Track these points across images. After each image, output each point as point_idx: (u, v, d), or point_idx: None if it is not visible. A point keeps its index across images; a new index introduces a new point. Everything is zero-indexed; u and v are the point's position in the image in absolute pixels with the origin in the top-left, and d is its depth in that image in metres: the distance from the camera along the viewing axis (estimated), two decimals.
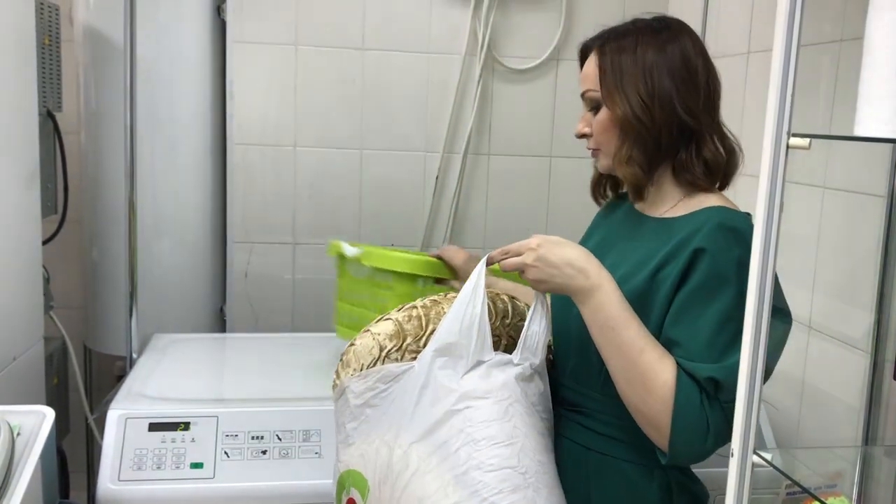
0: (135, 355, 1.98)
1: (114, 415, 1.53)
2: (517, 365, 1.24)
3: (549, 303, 1.30)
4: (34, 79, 1.85)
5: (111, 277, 2.22)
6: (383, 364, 1.23)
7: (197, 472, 1.49)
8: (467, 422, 1.16)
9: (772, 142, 0.91)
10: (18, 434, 1.27)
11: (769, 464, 1.00)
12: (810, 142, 0.89)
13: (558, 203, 2.57)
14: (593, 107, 1.32)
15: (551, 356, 1.38)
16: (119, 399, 1.60)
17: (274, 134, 2.42)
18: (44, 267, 1.95)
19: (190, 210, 2.26)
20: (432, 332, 1.24)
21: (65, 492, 1.64)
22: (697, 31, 2.28)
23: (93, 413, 2.19)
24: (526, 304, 1.35)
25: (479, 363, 1.21)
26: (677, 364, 1.15)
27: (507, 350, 1.26)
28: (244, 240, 2.41)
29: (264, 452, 1.53)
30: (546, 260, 1.20)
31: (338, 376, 1.28)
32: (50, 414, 1.33)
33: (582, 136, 1.36)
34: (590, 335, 1.22)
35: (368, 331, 1.26)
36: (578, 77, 1.37)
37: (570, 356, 1.32)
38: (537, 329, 1.25)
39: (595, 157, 1.36)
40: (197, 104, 2.23)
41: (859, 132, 0.90)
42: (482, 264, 1.24)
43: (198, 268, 2.30)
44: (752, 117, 2.03)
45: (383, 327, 1.25)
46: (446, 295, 1.31)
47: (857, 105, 0.90)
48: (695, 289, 1.18)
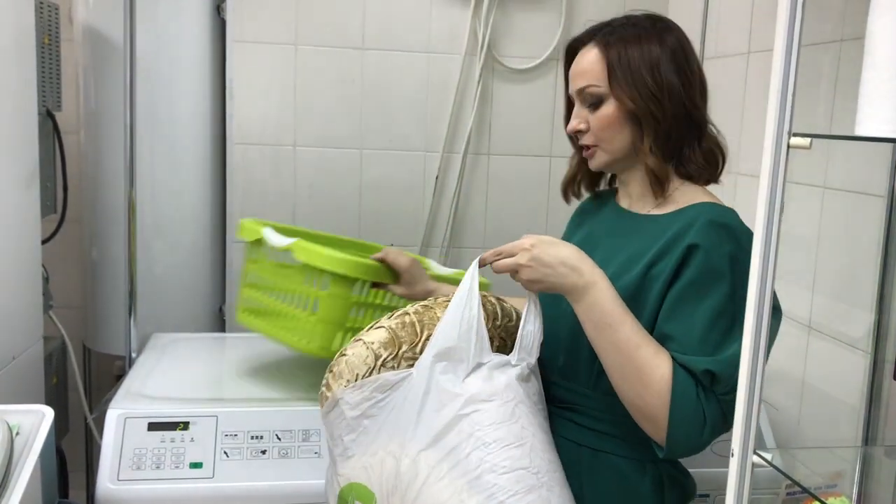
0: (134, 355, 1.98)
1: (113, 414, 1.53)
2: (515, 366, 1.24)
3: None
4: (34, 78, 1.85)
5: (110, 277, 2.22)
6: (379, 373, 1.21)
7: (196, 472, 1.48)
8: (476, 425, 1.15)
9: (772, 141, 0.91)
10: (17, 433, 1.27)
11: (769, 464, 1.00)
12: (811, 141, 0.89)
13: (558, 203, 2.51)
14: (592, 102, 1.30)
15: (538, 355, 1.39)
16: (118, 399, 1.60)
17: (274, 133, 2.42)
18: (43, 266, 1.95)
19: (189, 209, 2.26)
20: (428, 338, 1.23)
21: (64, 491, 1.64)
22: (697, 31, 2.30)
23: (92, 412, 2.19)
24: (512, 306, 1.36)
25: (480, 366, 1.20)
26: (673, 358, 1.16)
27: (499, 351, 1.25)
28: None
29: (264, 452, 1.53)
30: (540, 260, 1.20)
31: (328, 388, 1.25)
32: (49, 413, 1.33)
33: (576, 132, 1.33)
34: (579, 332, 1.23)
35: (360, 340, 1.23)
36: (569, 74, 1.35)
37: (559, 354, 1.32)
38: (532, 329, 1.25)
39: (590, 154, 1.34)
40: (196, 104, 2.23)
41: (860, 132, 0.90)
42: (475, 266, 1.23)
43: (197, 267, 2.29)
44: (752, 117, 2.02)
45: (376, 336, 1.23)
46: (436, 299, 1.31)
47: (858, 105, 0.90)
48: (688, 284, 1.19)
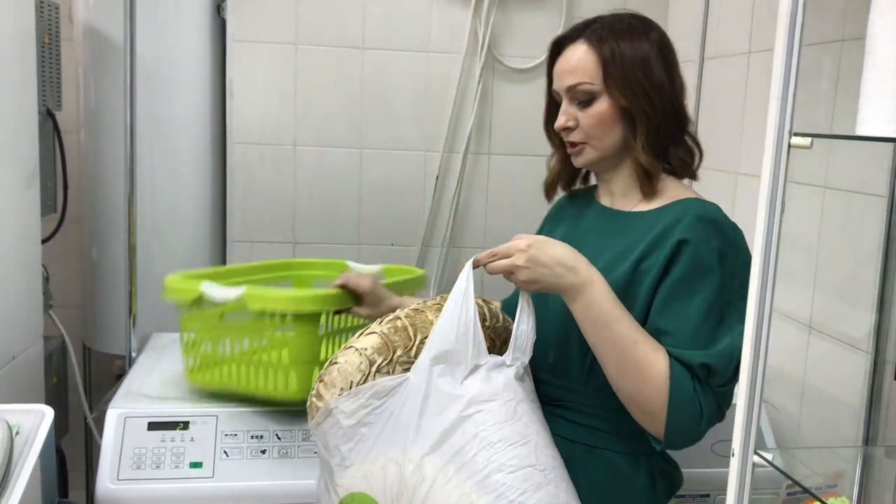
0: (134, 354, 1.97)
1: (113, 414, 1.53)
2: (510, 366, 1.24)
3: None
4: (34, 78, 1.85)
5: (110, 276, 2.22)
6: (374, 379, 1.20)
7: (196, 472, 1.48)
8: (479, 426, 1.15)
9: (773, 141, 0.91)
10: (17, 433, 1.27)
11: (769, 464, 1.00)
12: (812, 141, 0.89)
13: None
14: (583, 100, 1.29)
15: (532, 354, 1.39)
16: (118, 398, 1.60)
17: (274, 133, 2.42)
18: (43, 266, 1.95)
19: (189, 209, 2.26)
20: (422, 341, 1.22)
21: (64, 491, 1.64)
22: (697, 31, 2.30)
23: (92, 412, 2.19)
24: (497, 307, 1.36)
25: (477, 367, 1.20)
26: (668, 353, 1.17)
27: (491, 352, 1.25)
28: (244, 239, 2.41)
29: (263, 452, 1.53)
30: (537, 260, 1.20)
31: (318, 398, 1.23)
32: (49, 413, 1.33)
33: (565, 129, 1.33)
34: (569, 329, 1.24)
35: (352, 346, 1.22)
36: (555, 71, 1.33)
37: (549, 352, 1.32)
38: (525, 328, 1.26)
39: (576, 151, 1.33)
40: (196, 103, 2.23)
41: (861, 132, 0.90)
42: (468, 267, 1.22)
43: (197, 267, 2.29)
44: (752, 117, 2.02)
45: (369, 341, 1.22)
46: (425, 302, 1.30)
47: (859, 104, 0.90)
48: (680, 279, 1.20)
